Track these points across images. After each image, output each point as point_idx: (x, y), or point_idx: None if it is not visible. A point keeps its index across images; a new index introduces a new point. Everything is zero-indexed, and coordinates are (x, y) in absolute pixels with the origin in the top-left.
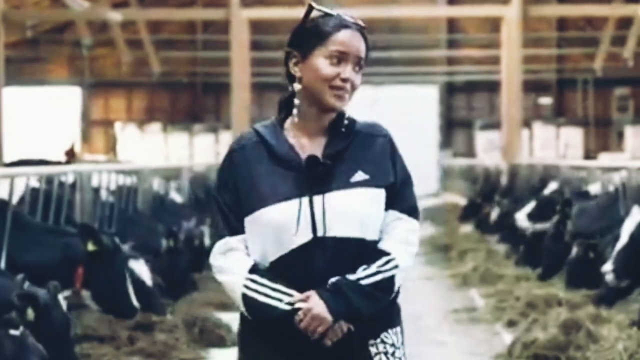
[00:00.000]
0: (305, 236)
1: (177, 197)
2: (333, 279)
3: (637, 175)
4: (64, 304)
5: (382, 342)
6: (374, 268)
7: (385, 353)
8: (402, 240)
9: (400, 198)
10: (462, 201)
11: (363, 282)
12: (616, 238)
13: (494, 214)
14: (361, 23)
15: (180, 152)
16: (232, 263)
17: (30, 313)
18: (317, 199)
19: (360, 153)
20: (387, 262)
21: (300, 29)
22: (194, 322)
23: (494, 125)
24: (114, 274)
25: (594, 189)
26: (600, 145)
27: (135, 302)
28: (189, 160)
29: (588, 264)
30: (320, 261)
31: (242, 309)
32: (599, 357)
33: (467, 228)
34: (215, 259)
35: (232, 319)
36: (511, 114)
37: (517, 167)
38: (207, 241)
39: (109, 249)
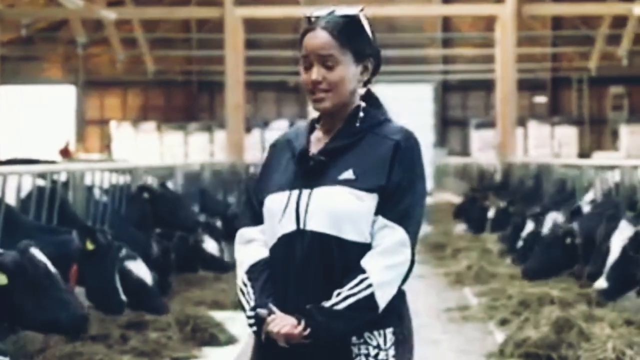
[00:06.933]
0: (289, 227)
1: None
2: (308, 306)
3: (631, 174)
4: (40, 256)
5: (365, 342)
6: (345, 291)
7: (367, 355)
8: (383, 253)
9: (391, 205)
10: (456, 200)
11: (337, 307)
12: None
13: (489, 212)
14: (338, 14)
15: (174, 150)
16: (244, 257)
17: (3, 279)
18: (305, 192)
19: (361, 153)
20: (360, 281)
21: None
22: (187, 320)
23: (489, 124)
24: (103, 269)
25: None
26: (595, 144)
27: (123, 297)
28: (183, 159)
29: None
30: (300, 253)
31: None
32: (591, 356)
33: (461, 226)
34: (236, 251)
35: (225, 318)
36: (506, 113)
37: (512, 166)
38: (209, 243)
39: (101, 245)
